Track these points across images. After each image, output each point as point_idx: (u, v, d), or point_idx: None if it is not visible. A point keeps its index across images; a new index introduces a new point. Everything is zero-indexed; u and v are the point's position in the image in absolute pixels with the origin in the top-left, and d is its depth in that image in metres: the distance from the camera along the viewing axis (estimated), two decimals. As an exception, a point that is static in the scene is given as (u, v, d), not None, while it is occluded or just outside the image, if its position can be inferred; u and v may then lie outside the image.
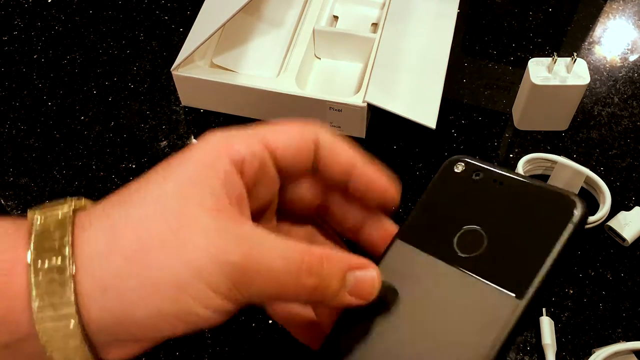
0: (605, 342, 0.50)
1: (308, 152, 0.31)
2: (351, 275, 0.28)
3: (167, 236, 0.26)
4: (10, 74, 0.67)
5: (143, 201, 0.27)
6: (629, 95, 0.64)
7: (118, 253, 0.26)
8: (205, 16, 0.62)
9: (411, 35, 0.63)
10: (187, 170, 0.28)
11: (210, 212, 0.27)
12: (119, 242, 0.26)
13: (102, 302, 0.26)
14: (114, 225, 0.26)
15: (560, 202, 0.28)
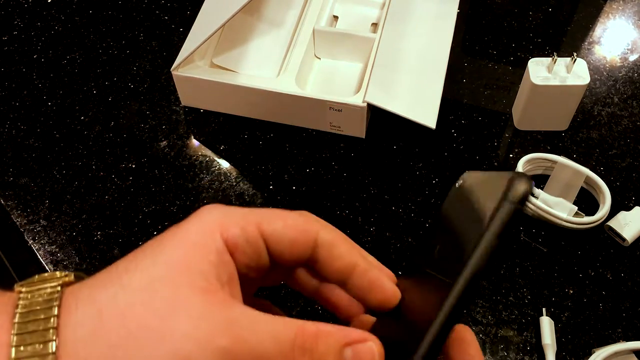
0: (605, 342, 0.50)
1: (304, 247, 0.29)
2: (348, 351, 0.26)
3: (154, 324, 0.25)
4: (10, 74, 0.67)
5: (131, 286, 0.26)
6: (628, 95, 0.64)
7: (103, 341, 0.25)
8: (205, 16, 0.62)
9: (411, 35, 0.63)
10: (178, 251, 0.27)
11: (200, 295, 0.26)
12: (105, 329, 0.25)
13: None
14: (101, 311, 0.26)
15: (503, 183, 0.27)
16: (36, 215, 0.57)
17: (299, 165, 0.60)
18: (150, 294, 0.26)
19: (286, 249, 0.29)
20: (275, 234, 0.29)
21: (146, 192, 0.58)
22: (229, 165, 0.60)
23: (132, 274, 0.26)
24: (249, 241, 0.28)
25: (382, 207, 0.57)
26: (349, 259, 0.29)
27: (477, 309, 0.52)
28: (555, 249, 0.55)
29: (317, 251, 0.29)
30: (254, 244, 0.29)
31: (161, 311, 0.25)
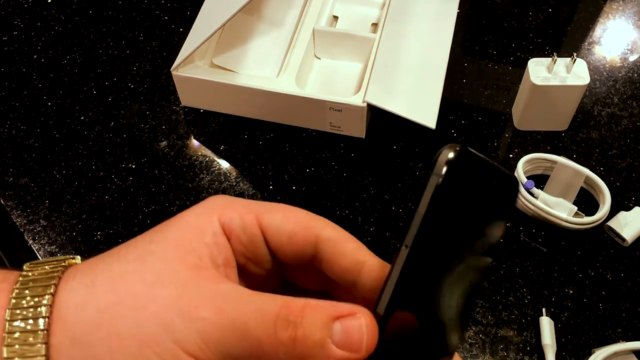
0: (605, 342, 0.50)
1: (305, 242, 0.28)
2: (337, 325, 0.25)
3: (142, 291, 0.25)
4: (10, 74, 0.67)
5: (126, 257, 0.27)
6: (628, 96, 0.64)
7: (92, 305, 0.25)
8: (205, 16, 0.62)
9: (411, 35, 0.63)
10: (175, 230, 0.27)
11: (189, 269, 0.26)
12: (96, 295, 0.26)
13: (69, 353, 0.25)
14: (95, 279, 0.26)
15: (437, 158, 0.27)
16: (36, 215, 0.57)
17: (299, 165, 0.60)
18: (142, 264, 0.26)
19: (285, 242, 0.28)
20: (273, 225, 0.28)
21: (146, 192, 0.58)
22: (229, 165, 0.60)
23: (130, 249, 0.27)
24: (245, 228, 0.28)
25: (382, 207, 0.57)
26: (355, 256, 0.28)
27: (477, 309, 0.52)
28: (555, 249, 0.55)
29: (321, 248, 0.28)
30: (249, 231, 0.28)
31: (149, 280, 0.26)
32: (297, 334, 0.25)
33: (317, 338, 0.25)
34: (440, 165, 0.26)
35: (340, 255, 0.28)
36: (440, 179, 0.26)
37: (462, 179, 0.27)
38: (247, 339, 0.25)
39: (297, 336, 0.25)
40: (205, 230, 0.27)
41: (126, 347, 0.25)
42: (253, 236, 0.28)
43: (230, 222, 0.28)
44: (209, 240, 0.27)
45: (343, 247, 0.28)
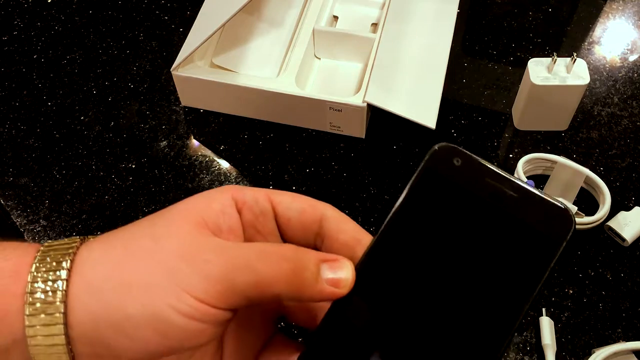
0: (605, 342, 0.50)
1: (313, 218, 0.31)
2: (325, 265, 0.29)
3: (150, 245, 0.28)
4: (10, 74, 0.67)
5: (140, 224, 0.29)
6: (628, 95, 0.64)
7: (107, 261, 0.28)
8: (205, 16, 0.62)
9: (411, 35, 0.63)
10: (186, 201, 0.30)
11: (193, 227, 0.28)
12: (110, 253, 0.28)
13: (85, 302, 0.27)
14: (109, 242, 0.29)
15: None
16: (36, 215, 0.57)
17: (299, 165, 0.60)
18: (151, 226, 0.29)
19: (294, 218, 0.31)
20: (283, 202, 0.31)
21: (146, 192, 0.58)
22: (229, 165, 0.60)
23: (143, 219, 0.30)
24: (257, 201, 0.31)
25: (382, 207, 0.57)
26: (353, 234, 0.31)
27: (477, 309, 0.52)
28: (555, 249, 0.55)
29: (325, 225, 0.31)
30: (261, 204, 0.31)
31: (157, 235, 0.28)
32: (296, 266, 0.28)
33: (313, 271, 0.28)
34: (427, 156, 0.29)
35: (341, 231, 0.31)
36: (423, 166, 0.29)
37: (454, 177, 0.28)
38: (250, 274, 0.27)
39: (297, 268, 0.28)
40: (214, 200, 0.30)
41: (134, 294, 0.27)
42: (264, 209, 0.31)
43: (242, 197, 0.30)
44: (216, 207, 0.30)
45: (345, 225, 0.31)
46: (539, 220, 0.28)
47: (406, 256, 0.29)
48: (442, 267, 0.28)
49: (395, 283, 0.29)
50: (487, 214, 0.28)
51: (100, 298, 0.27)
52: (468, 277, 0.28)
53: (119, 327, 0.27)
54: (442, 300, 0.28)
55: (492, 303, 0.27)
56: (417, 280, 0.28)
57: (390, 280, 0.29)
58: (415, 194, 0.29)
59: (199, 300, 0.27)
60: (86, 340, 0.27)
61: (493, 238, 0.28)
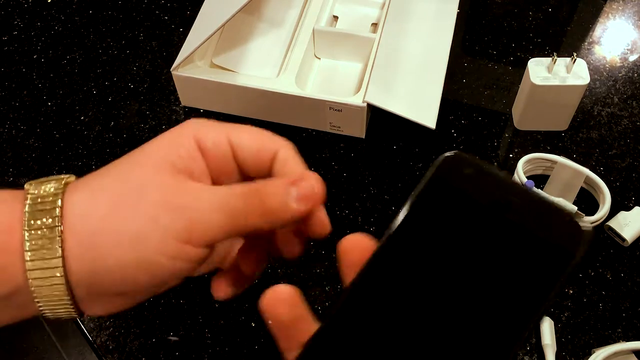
0: (605, 342, 0.50)
1: (264, 161, 0.34)
2: (293, 188, 0.31)
3: (133, 196, 0.31)
4: (10, 74, 0.67)
5: (116, 170, 0.32)
6: (628, 95, 0.64)
7: (95, 214, 0.30)
8: (205, 16, 0.62)
9: (411, 35, 0.63)
10: (154, 147, 0.33)
11: (171, 174, 0.31)
12: (95, 204, 0.31)
13: (80, 254, 0.30)
14: (93, 192, 0.31)
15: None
16: (36, 215, 0.57)
17: (299, 165, 0.60)
18: (129, 174, 0.32)
19: (249, 159, 0.34)
20: (241, 145, 0.34)
21: (146, 192, 0.58)
22: (229, 165, 0.60)
23: (117, 165, 0.33)
24: (217, 145, 0.33)
25: (382, 207, 0.57)
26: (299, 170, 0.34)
27: (477, 309, 0.52)
28: (555, 249, 0.55)
29: (274, 166, 0.34)
30: (221, 148, 0.33)
31: (135, 186, 0.31)
32: (264, 197, 0.31)
33: (281, 196, 0.31)
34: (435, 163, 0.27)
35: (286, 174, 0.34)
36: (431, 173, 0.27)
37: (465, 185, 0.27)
38: (227, 212, 0.31)
39: (265, 198, 0.31)
40: (180, 145, 0.33)
41: (125, 244, 0.30)
42: (225, 152, 0.34)
43: (205, 141, 0.33)
44: (184, 154, 0.32)
45: (291, 168, 0.34)
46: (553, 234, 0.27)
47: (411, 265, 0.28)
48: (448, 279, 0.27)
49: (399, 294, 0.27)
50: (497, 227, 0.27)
51: (94, 250, 0.30)
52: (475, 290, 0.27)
53: (113, 272, 0.30)
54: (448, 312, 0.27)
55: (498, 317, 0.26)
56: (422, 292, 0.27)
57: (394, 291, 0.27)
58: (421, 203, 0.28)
59: (183, 243, 0.30)
60: (83, 285, 0.31)
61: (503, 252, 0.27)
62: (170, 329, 0.51)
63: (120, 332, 0.51)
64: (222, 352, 0.50)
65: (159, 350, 0.50)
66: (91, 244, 0.30)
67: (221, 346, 0.50)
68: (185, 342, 0.50)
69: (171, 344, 0.50)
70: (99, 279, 0.30)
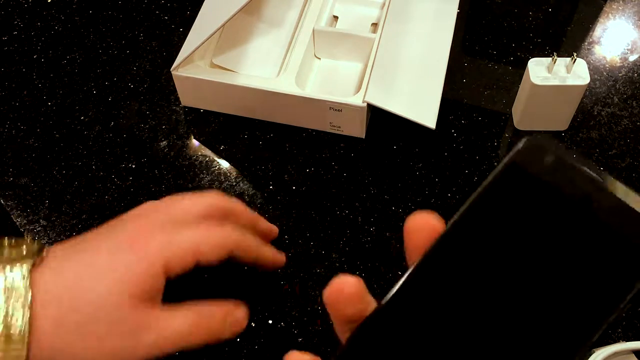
0: (605, 342, 0.50)
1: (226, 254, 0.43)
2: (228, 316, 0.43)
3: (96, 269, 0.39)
4: (10, 74, 0.67)
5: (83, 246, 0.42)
6: (628, 95, 0.64)
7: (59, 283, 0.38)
8: (205, 16, 0.62)
9: (411, 35, 0.63)
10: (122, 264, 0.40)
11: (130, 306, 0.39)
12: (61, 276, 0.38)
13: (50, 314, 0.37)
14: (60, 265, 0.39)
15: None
16: (36, 215, 0.57)
17: (299, 165, 0.60)
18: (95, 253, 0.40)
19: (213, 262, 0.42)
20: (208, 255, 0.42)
21: (146, 192, 0.58)
22: (229, 165, 0.60)
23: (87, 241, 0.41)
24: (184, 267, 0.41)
25: (382, 207, 0.57)
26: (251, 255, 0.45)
27: (477, 309, 0.52)
28: (555, 249, 0.55)
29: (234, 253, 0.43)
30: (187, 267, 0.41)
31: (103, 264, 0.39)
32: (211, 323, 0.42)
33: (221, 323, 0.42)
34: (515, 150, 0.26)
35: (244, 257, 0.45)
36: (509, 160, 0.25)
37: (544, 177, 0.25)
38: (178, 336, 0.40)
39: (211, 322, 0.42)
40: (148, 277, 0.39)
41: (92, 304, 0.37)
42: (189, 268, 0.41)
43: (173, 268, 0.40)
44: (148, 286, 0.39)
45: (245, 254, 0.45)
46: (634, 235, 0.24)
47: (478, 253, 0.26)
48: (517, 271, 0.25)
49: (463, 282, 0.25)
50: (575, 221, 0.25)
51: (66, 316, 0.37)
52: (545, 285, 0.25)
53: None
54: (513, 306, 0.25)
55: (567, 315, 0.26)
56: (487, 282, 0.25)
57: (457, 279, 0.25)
58: (496, 188, 0.26)
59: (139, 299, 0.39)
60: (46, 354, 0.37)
61: (579, 248, 0.25)
62: (170, 329, 0.51)
63: (120, 332, 0.51)
64: (222, 352, 0.50)
65: (159, 350, 0.50)
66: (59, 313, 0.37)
67: (221, 346, 0.50)
68: (185, 342, 0.50)
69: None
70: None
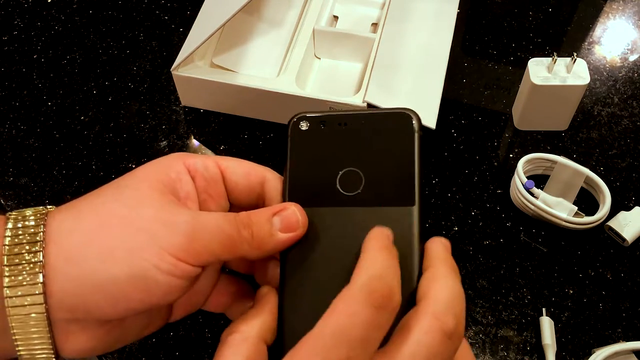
0: (605, 342, 0.50)
1: (255, 183, 0.35)
2: (276, 218, 0.32)
3: (123, 212, 0.30)
4: (10, 74, 0.67)
5: (103, 192, 0.32)
6: (629, 95, 0.64)
7: (82, 229, 0.30)
8: (205, 16, 0.62)
9: (411, 35, 0.63)
10: (143, 170, 0.33)
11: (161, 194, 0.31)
12: (83, 221, 0.30)
13: (65, 270, 0.29)
14: (79, 211, 0.31)
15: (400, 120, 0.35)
16: (36, 215, 0.57)
17: (299, 165, 0.60)
18: (119, 195, 0.31)
19: (240, 180, 0.35)
20: (230, 167, 0.35)
21: (146, 192, 0.58)
22: (229, 165, 0.60)
23: (105, 188, 0.32)
24: (207, 168, 0.34)
25: (382, 207, 0.57)
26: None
27: (477, 309, 0.52)
28: (555, 249, 0.55)
29: (265, 186, 0.35)
30: (211, 170, 0.34)
31: (128, 203, 0.30)
32: (253, 231, 0.32)
33: (267, 229, 0.32)
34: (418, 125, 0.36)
35: (279, 192, 0.35)
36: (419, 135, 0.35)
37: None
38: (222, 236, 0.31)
39: (254, 232, 0.32)
40: (170, 168, 0.33)
41: (118, 257, 0.29)
42: (214, 174, 0.34)
43: (194, 164, 0.34)
44: (173, 175, 0.33)
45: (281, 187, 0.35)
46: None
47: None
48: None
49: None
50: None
51: (82, 265, 0.29)
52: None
53: (103, 289, 0.29)
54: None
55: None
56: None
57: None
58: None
59: (179, 259, 0.30)
60: (66, 307, 0.29)
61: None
62: (170, 329, 0.51)
63: (120, 332, 0.51)
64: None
65: (159, 350, 0.50)
66: (79, 257, 0.29)
67: (221, 346, 0.50)
68: (185, 342, 0.50)
69: (171, 343, 0.50)
70: (85, 300, 0.29)
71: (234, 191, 0.35)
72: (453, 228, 0.56)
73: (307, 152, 0.35)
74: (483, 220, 0.56)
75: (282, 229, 0.32)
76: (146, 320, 0.33)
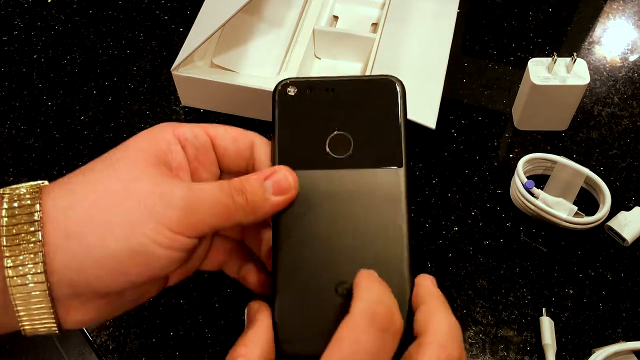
0: (605, 342, 0.50)
1: (244, 148, 0.36)
2: (268, 182, 0.33)
3: (119, 187, 0.30)
4: (10, 74, 0.67)
5: (96, 167, 0.32)
6: (629, 95, 0.64)
7: (78, 205, 0.30)
8: (205, 16, 0.62)
9: (411, 35, 0.63)
10: (134, 142, 0.33)
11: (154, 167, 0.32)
12: (78, 197, 0.30)
13: (65, 246, 0.29)
14: (74, 187, 0.31)
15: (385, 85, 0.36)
16: (36, 215, 0.57)
17: (299, 165, 0.60)
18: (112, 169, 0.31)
19: (229, 146, 0.35)
20: (219, 134, 0.35)
21: (146, 192, 0.58)
22: (229, 165, 0.60)
23: (96, 163, 0.32)
24: (196, 136, 0.35)
25: (382, 207, 0.57)
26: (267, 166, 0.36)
27: (477, 309, 0.52)
28: (555, 249, 0.55)
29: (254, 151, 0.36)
30: (200, 138, 0.35)
31: (123, 178, 0.31)
32: (247, 197, 0.32)
33: (260, 194, 0.33)
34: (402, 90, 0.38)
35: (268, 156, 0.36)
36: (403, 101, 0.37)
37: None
38: (218, 206, 0.31)
39: (248, 198, 0.32)
40: (160, 139, 0.33)
41: (116, 232, 0.29)
42: (204, 142, 0.35)
43: (183, 133, 0.34)
44: (164, 146, 0.33)
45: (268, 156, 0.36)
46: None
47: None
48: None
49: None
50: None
51: (81, 241, 0.29)
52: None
53: (103, 265, 0.29)
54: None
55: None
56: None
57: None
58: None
59: (177, 233, 0.30)
60: (67, 283, 0.29)
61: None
62: (171, 329, 0.51)
63: (120, 332, 0.51)
64: (223, 352, 0.50)
65: (159, 350, 0.50)
66: (78, 235, 0.29)
67: (221, 346, 0.50)
68: (185, 342, 0.50)
69: (171, 343, 0.50)
70: (86, 276, 0.29)
71: (223, 158, 0.36)
72: (453, 228, 0.56)
73: (295, 116, 0.36)
74: (483, 220, 0.56)
75: (274, 192, 0.33)
76: (144, 289, 0.34)
